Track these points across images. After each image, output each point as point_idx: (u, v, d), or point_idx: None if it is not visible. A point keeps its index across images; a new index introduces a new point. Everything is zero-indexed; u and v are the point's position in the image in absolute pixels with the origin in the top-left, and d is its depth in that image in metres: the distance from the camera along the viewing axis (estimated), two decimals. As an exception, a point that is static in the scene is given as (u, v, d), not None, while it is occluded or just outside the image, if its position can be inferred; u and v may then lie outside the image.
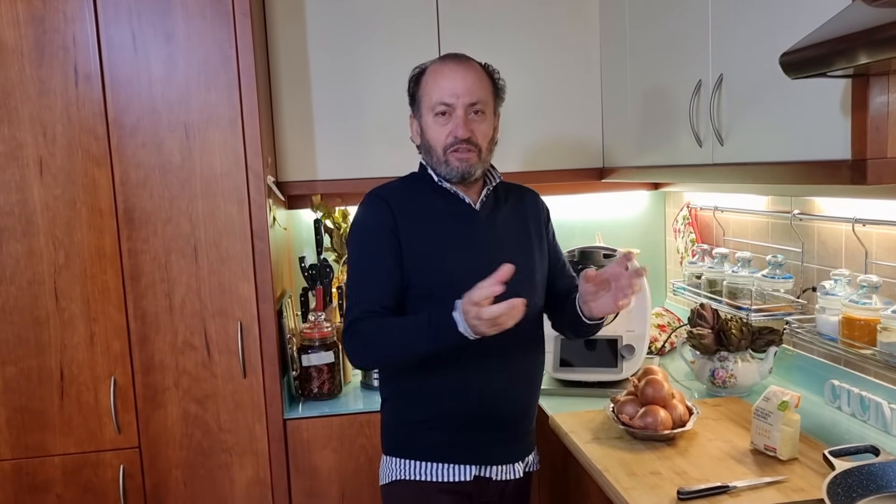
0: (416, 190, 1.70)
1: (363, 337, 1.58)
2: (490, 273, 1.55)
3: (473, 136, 1.62)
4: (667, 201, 2.93)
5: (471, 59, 1.67)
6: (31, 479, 2.06)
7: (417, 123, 1.71)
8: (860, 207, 1.80)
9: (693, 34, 1.90)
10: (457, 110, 1.61)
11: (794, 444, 1.59)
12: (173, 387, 2.10)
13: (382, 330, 1.57)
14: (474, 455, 1.67)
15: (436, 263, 1.62)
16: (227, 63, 2.03)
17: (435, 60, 1.69)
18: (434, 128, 1.64)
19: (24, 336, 2.03)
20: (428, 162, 1.70)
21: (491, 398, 1.66)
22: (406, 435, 1.69)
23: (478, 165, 1.65)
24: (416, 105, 1.70)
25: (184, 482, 2.13)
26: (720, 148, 1.79)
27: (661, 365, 2.40)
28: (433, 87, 1.63)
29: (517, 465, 1.73)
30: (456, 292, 1.51)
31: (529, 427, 1.77)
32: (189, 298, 2.08)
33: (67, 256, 2.02)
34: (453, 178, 1.65)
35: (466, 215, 1.68)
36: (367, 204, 1.68)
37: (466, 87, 1.61)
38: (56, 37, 1.96)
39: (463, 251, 1.64)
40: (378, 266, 1.62)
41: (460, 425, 1.66)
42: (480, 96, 1.63)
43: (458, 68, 1.63)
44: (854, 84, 1.31)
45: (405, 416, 1.70)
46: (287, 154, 2.45)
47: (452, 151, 1.62)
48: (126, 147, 2.02)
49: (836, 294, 1.77)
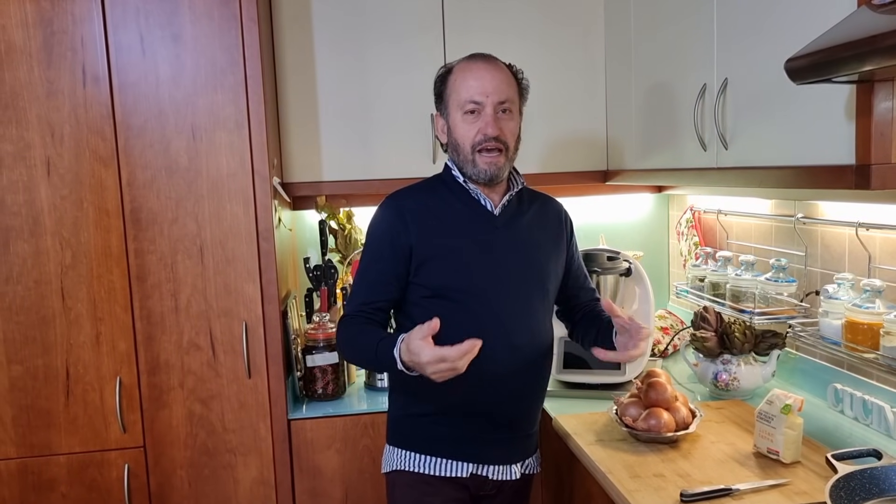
0: (436, 193, 1.72)
1: (343, 334, 1.70)
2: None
3: (502, 135, 1.64)
4: (670, 204, 2.93)
5: (497, 59, 1.69)
6: (36, 477, 2.07)
7: (444, 122, 1.72)
8: (864, 212, 1.80)
9: (698, 38, 1.90)
10: (486, 108, 1.63)
11: (797, 448, 1.59)
12: (178, 387, 2.11)
13: (353, 336, 1.67)
14: (472, 452, 1.70)
15: (450, 267, 1.65)
16: (234, 65, 2.04)
17: (462, 60, 1.70)
18: (462, 126, 1.65)
19: (31, 335, 2.04)
20: (455, 160, 1.71)
21: (493, 398, 1.67)
22: (408, 427, 1.73)
23: (505, 166, 1.67)
24: (442, 103, 1.72)
25: (188, 482, 2.14)
26: (724, 152, 1.80)
27: (664, 367, 2.40)
28: (462, 86, 1.65)
29: (515, 466, 1.75)
30: (469, 295, 1.64)
31: (531, 429, 1.79)
32: (195, 299, 2.09)
33: (74, 256, 2.03)
34: (480, 179, 1.67)
35: (483, 220, 1.69)
36: (381, 208, 1.72)
37: (495, 85, 1.63)
38: (64, 38, 1.97)
39: (476, 256, 1.66)
40: (375, 270, 1.68)
41: (460, 422, 1.69)
42: (509, 95, 1.66)
43: (487, 67, 1.65)
44: (859, 90, 1.32)
45: (408, 409, 1.73)
46: (292, 155, 2.46)
47: (481, 151, 1.64)
48: (133, 148, 2.03)
49: (840, 298, 1.77)
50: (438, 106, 1.74)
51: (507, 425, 1.72)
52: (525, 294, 1.70)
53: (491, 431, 1.70)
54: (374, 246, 1.71)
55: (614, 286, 2.25)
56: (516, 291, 1.69)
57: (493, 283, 1.66)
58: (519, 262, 1.70)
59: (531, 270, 1.72)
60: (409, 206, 1.69)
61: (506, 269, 1.68)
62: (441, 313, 1.53)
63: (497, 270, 1.67)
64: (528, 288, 1.71)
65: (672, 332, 2.60)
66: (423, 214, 1.68)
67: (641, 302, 2.28)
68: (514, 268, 1.69)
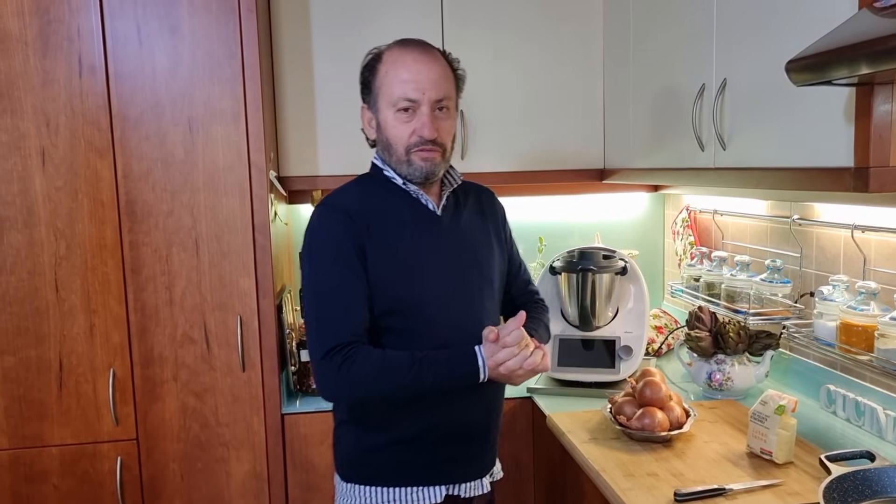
0: (374, 196, 1.55)
1: (361, 365, 1.42)
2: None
3: (440, 136, 1.49)
4: (666, 203, 2.94)
5: (434, 48, 1.52)
6: (28, 469, 2.07)
7: (372, 116, 1.54)
8: (859, 214, 1.81)
9: (698, 38, 1.90)
10: (422, 107, 1.47)
11: (790, 448, 1.60)
12: (172, 380, 2.10)
13: (380, 362, 1.42)
14: (445, 475, 1.57)
15: (403, 277, 1.50)
16: (232, 57, 2.03)
17: (393, 46, 1.51)
18: (396, 125, 1.49)
19: (24, 326, 2.03)
20: (386, 160, 1.55)
21: (466, 412, 1.56)
22: (370, 460, 1.56)
23: (441, 165, 1.53)
24: (371, 96, 1.53)
25: (181, 475, 2.14)
26: (722, 152, 1.80)
27: (658, 366, 2.41)
28: (395, 80, 1.47)
29: (485, 479, 1.65)
30: (426, 305, 1.49)
31: (497, 438, 1.69)
32: (189, 292, 2.08)
33: (68, 247, 2.02)
34: (416, 178, 1.52)
35: (429, 223, 1.55)
36: (327, 217, 1.51)
37: (433, 80, 1.47)
38: (61, 27, 1.95)
39: (429, 263, 1.53)
40: (349, 282, 1.46)
41: (431, 446, 1.55)
42: (447, 92, 1.50)
43: (422, 59, 1.48)
44: (858, 92, 1.32)
45: (368, 441, 1.56)
46: (289, 149, 2.45)
47: (416, 151, 1.49)
48: (129, 139, 2.02)
49: (834, 300, 1.78)
50: (365, 97, 1.55)
51: (481, 438, 1.61)
52: (479, 296, 1.58)
53: (466, 448, 1.59)
54: (333, 254, 1.47)
55: (609, 285, 2.25)
56: (471, 295, 1.57)
57: (448, 290, 1.53)
58: (468, 264, 1.58)
59: (480, 271, 1.60)
60: (351, 208, 1.50)
61: (458, 274, 1.56)
62: (397, 328, 1.45)
63: (450, 276, 1.54)
64: (480, 290, 1.59)
65: (666, 332, 2.61)
66: (367, 218, 1.50)
67: (636, 301, 2.29)
68: (465, 271, 1.57)
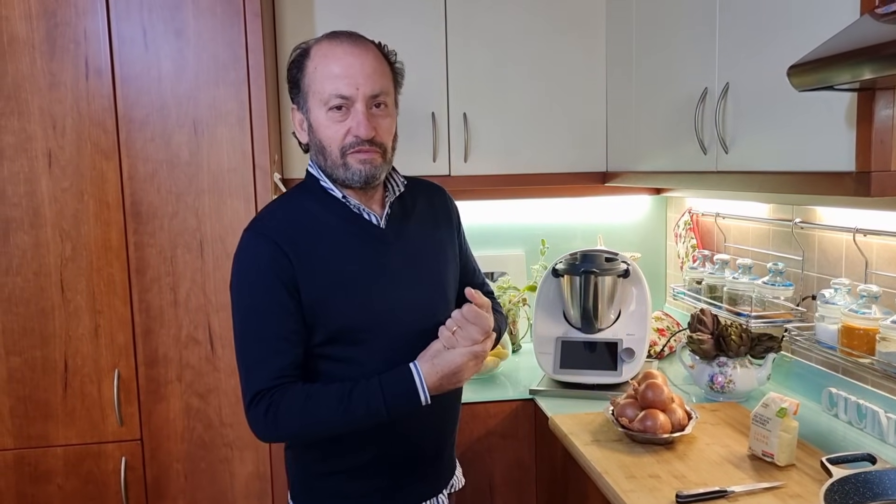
0: (306, 213, 1.41)
1: (287, 408, 1.32)
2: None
3: (377, 135, 1.37)
4: (668, 206, 2.95)
5: (366, 40, 1.40)
6: (33, 469, 2.08)
7: (302, 117, 1.41)
8: (861, 217, 1.82)
9: (700, 42, 1.91)
10: (356, 104, 1.34)
11: (792, 451, 1.61)
12: (176, 380, 2.11)
13: (304, 400, 1.33)
14: (403, 496, 1.48)
15: (346, 304, 1.37)
16: (237, 60, 2.04)
17: (322, 39, 1.39)
18: (329, 125, 1.36)
19: (30, 327, 2.04)
20: (321, 166, 1.41)
21: (412, 439, 1.46)
22: (318, 485, 1.46)
23: (382, 167, 1.40)
24: (300, 95, 1.40)
25: (184, 475, 2.15)
26: (724, 156, 1.81)
27: (660, 369, 2.42)
28: (324, 75, 1.35)
29: (443, 494, 1.56)
30: (373, 332, 1.38)
31: (454, 451, 1.61)
32: (194, 293, 2.09)
33: (74, 249, 2.03)
34: (354, 183, 1.38)
35: (371, 238, 1.42)
36: (251, 246, 1.37)
37: (366, 74, 1.34)
38: (67, 30, 1.97)
39: (374, 284, 1.40)
40: (278, 323, 1.34)
41: (388, 468, 1.45)
42: (383, 86, 1.37)
43: (354, 51, 1.35)
44: (860, 97, 1.33)
45: (316, 468, 1.46)
46: (293, 151, 2.46)
47: (352, 152, 1.37)
48: (135, 141, 2.03)
49: (836, 303, 1.78)
50: (294, 97, 1.42)
51: (437, 457, 1.53)
52: (431, 314, 1.43)
53: (421, 470, 1.50)
54: (259, 289, 1.34)
55: (612, 287, 2.26)
56: (423, 313, 1.43)
57: (397, 312, 1.41)
58: (419, 279, 1.45)
59: (432, 285, 1.48)
60: (279, 234, 1.35)
61: (409, 292, 1.43)
62: (341, 356, 1.37)
63: (399, 295, 1.41)
64: (432, 306, 1.45)
65: (668, 334, 2.61)
66: (300, 243, 1.36)
67: (638, 303, 2.29)
68: (415, 288, 1.44)
